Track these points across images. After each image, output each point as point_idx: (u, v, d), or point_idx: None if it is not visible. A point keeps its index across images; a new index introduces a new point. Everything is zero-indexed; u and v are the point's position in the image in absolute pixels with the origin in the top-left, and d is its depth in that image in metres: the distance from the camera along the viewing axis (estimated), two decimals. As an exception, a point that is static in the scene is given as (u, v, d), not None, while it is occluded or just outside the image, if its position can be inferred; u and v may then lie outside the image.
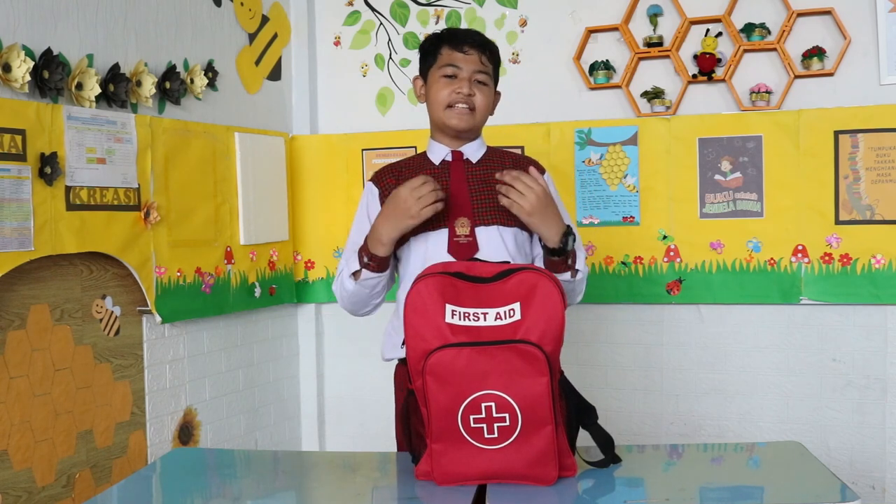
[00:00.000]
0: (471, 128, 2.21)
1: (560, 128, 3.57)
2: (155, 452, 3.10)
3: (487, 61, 2.20)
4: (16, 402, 2.59)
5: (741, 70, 3.44)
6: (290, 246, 3.85)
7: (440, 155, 2.25)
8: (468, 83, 2.17)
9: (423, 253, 2.16)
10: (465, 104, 2.17)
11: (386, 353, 2.29)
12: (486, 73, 2.20)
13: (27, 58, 2.54)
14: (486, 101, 2.20)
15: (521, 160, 2.29)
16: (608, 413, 3.54)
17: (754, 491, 1.84)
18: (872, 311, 3.31)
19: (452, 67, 2.18)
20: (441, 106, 2.19)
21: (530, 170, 2.11)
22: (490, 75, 2.21)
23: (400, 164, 2.32)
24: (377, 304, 2.25)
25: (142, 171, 2.98)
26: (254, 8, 3.68)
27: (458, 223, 2.16)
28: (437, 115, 2.21)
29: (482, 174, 2.22)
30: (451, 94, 2.17)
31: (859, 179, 3.28)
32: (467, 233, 2.15)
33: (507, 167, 2.21)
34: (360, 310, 2.26)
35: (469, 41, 2.20)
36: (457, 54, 2.19)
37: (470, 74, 2.17)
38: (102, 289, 2.91)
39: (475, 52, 2.18)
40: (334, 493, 1.90)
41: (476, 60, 2.18)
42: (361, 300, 2.22)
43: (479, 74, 2.18)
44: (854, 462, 3.35)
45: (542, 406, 1.73)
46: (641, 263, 3.52)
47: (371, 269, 2.13)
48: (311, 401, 3.99)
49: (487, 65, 2.20)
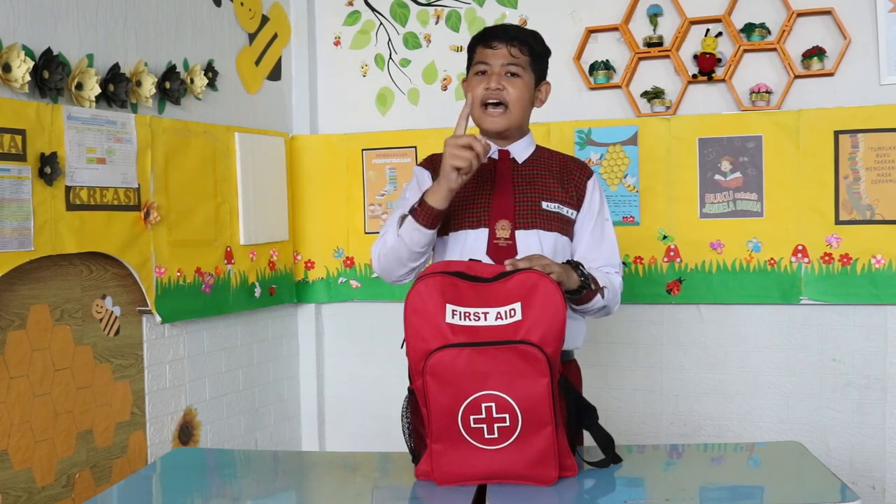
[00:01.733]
0: (507, 127, 2.17)
1: (560, 128, 3.56)
2: (155, 452, 3.10)
3: (519, 52, 2.16)
4: (16, 402, 2.59)
5: (741, 70, 3.44)
6: (290, 246, 3.85)
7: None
8: (497, 77, 2.14)
9: (461, 250, 2.13)
10: (496, 98, 2.14)
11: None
12: (518, 65, 2.15)
13: (27, 58, 2.54)
14: (519, 92, 2.15)
15: (569, 162, 2.26)
16: (608, 413, 3.54)
17: (754, 491, 1.84)
18: (872, 311, 3.31)
19: (483, 64, 2.17)
20: (476, 105, 2.16)
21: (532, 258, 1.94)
22: (524, 66, 2.17)
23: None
24: (414, 267, 2.15)
25: (142, 171, 2.98)
26: (254, 8, 3.68)
27: (499, 225, 2.14)
28: (475, 116, 2.18)
29: (528, 174, 2.19)
30: (482, 90, 2.15)
31: (859, 179, 3.27)
32: (507, 235, 2.13)
33: (555, 170, 2.20)
34: (395, 270, 2.15)
35: (496, 36, 2.17)
36: (486, 51, 2.17)
37: (499, 69, 2.15)
38: (102, 289, 2.91)
39: (503, 46, 2.16)
40: (334, 493, 1.90)
41: (504, 53, 2.15)
42: (398, 258, 2.11)
43: (509, 66, 2.15)
44: (854, 462, 3.35)
45: (542, 407, 1.73)
46: (641, 263, 3.52)
47: (417, 216, 2.04)
48: (311, 401, 3.99)
49: (519, 56, 2.16)
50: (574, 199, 2.19)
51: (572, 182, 2.20)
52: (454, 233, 2.16)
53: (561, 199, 2.17)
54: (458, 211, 2.15)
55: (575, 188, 2.20)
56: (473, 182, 2.14)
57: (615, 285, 2.16)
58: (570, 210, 2.18)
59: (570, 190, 2.19)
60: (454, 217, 2.15)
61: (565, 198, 2.18)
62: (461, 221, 2.14)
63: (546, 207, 2.15)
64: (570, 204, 2.18)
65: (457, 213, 2.15)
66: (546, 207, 2.15)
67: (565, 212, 2.17)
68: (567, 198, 2.18)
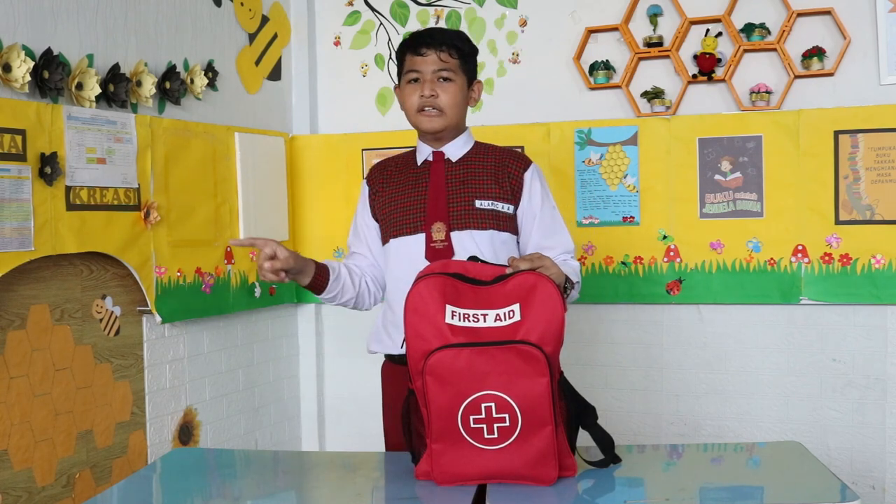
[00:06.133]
0: (444, 127, 2.22)
1: (560, 128, 3.57)
2: (155, 452, 3.10)
3: (448, 56, 2.19)
4: (16, 402, 2.59)
5: (741, 70, 3.44)
6: (290, 246, 3.83)
7: (423, 155, 2.29)
8: (430, 84, 2.18)
9: (405, 255, 2.20)
10: (430, 105, 2.19)
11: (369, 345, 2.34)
12: (448, 69, 2.19)
13: (27, 58, 2.54)
14: (452, 97, 2.19)
15: (505, 154, 2.28)
16: (608, 413, 3.54)
17: (754, 491, 1.84)
18: (872, 311, 3.31)
19: (413, 72, 2.21)
20: (412, 112, 2.23)
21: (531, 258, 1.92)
22: (455, 70, 2.20)
23: (389, 161, 2.37)
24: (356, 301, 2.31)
25: (142, 171, 2.98)
26: (254, 8, 3.68)
27: (434, 228, 2.18)
28: (412, 120, 2.25)
29: (462, 174, 2.23)
30: (417, 98, 2.19)
31: (859, 179, 3.27)
32: (443, 237, 2.17)
33: (489, 166, 2.23)
34: (357, 308, 2.34)
35: (424, 42, 2.20)
36: (416, 58, 2.21)
37: (430, 75, 2.18)
38: (102, 289, 2.91)
39: (432, 52, 2.19)
40: (334, 493, 1.90)
41: (434, 59, 2.19)
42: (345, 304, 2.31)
43: (440, 72, 2.19)
44: (854, 462, 3.35)
45: (541, 406, 1.73)
46: (641, 263, 3.52)
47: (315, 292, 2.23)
48: (311, 401, 3.99)
49: (449, 60, 2.19)
50: (509, 193, 2.21)
51: (507, 176, 2.23)
52: (394, 240, 2.23)
53: (495, 195, 2.20)
54: (395, 218, 2.23)
55: (510, 182, 2.22)
56: (410, 187, 2.24)
57: (578, 273, 2.18)
58: (505, 205, 2.21)
59: (504, 185, 2.21)
60: (393, 225, 2.23)
61: (499, 193, 2.20)
62: (399, 228, 2.22)
63: (479, 206, 2.19)
64: (506, 199, 2.21)
65: (395, 221, 2.23)
66: (479, 206, 2.19)
67: (500, 207, 2.20)
68: (501, 193, 2.21)
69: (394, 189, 2.28)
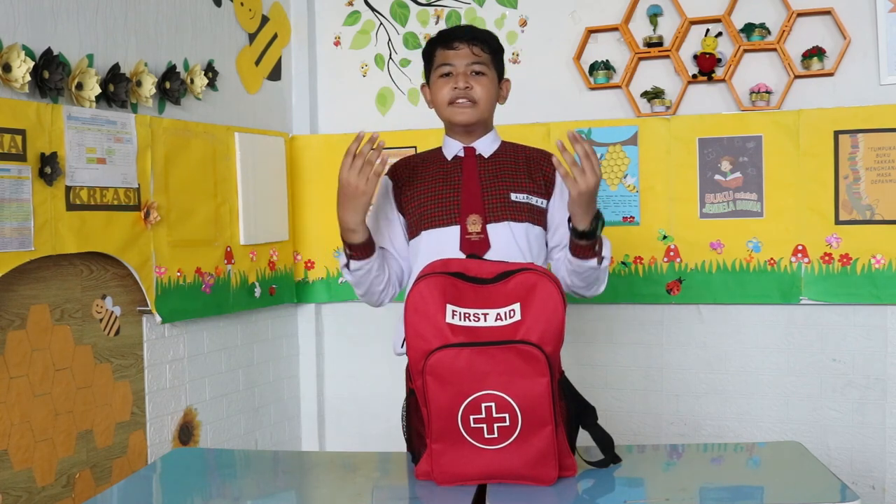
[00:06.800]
0: (477, 120, 2.20)
1: (560, 128, 3.56)
2: (155, 452, 3.10)
3: (481, 51, 2.19)
4: (16, 402, 2.59)
5: (741, 70, 3.44)
6: (290, 246, 3.85)
7: (453, 150, 2.25)
8: (464, 77, 2.17)
9: (435, 248, 2.15)
10: (465, 98, 2.17)
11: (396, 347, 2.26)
12: (482, 63, 2.19)
13: (27, 58, 2.54)
14: (486, 91, 2.19)
15: (535, 153, 2.28)
16: (608, 413, 3.54)
17: (754, 491, 1.84)
18: (872, 311, 3.31)
19: (446, 66, 2.19)
20: (444, 105, 2.20)
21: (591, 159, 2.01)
22: (487, 64, 2.20)
23: (415, 157, 2.33)
24: (382, 290, 2.23)
25: (142, 171, 2.98)
26: (254, 8, 3.68)
27: (470, 220, 2.16)
28: (443, 114, 2.22)
29: (494, 169, 2.22)
30: (450, 91, 2.18)
31: (859, 179, 3.27)
32: (479, 230, 2.15)
33: (521, 162, 2.22)
34: (372, 300, 2.25)
35: (457, 37, 2.20)
36: (448, 52, 2.20)
37: (464, 68, 2.18)
38: (102, 289, 2.91)
39: (465, 46, 2.19)
40: (334, 493, 1.90)
41: (467, 53, 2.18)
42: (366, 290, 2.22)
43: (473, 66, 2.18)
44: (854, 462, 3.35)
45: (541, 406, 1.73)
46: (641, 263, 3.52)
47: (355, 257, 2.13)
48: (311, 401, 3.99)
49: (482, 55, 2.19)
50: (543, 188, 2.21)
51: (540, 172, 2.23)
52: (426, 232, 2.19)
53: (529, 189, 2.20)
54: (427, 210, 2.20)
55: (543, 177, 2.22)
56: (440, 181, 2.21)
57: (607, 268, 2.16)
58: (539, 200, 2.20)
59: (538, 179, 2.21)
60: (424, 217, 2.19)
61: (534, 188, 2.20)
62: (431, 220, 2.18)
63: (515, 199, 2.17)
64: (540, 193, 2.21)
65: (427, 213, 2.19)
66: (515, 199, 2.17)
67: (535, 202, 2.19)
68: (536, 188, 2.20)
69: (423, 183, 2.24)
